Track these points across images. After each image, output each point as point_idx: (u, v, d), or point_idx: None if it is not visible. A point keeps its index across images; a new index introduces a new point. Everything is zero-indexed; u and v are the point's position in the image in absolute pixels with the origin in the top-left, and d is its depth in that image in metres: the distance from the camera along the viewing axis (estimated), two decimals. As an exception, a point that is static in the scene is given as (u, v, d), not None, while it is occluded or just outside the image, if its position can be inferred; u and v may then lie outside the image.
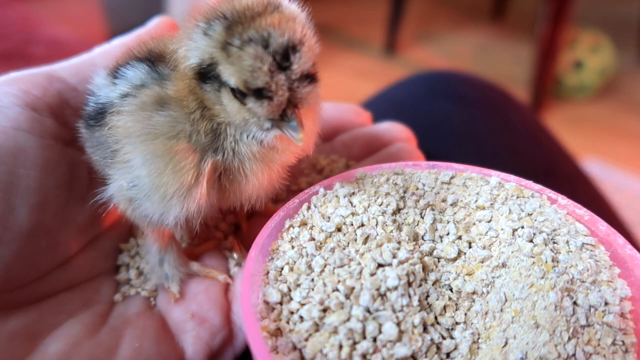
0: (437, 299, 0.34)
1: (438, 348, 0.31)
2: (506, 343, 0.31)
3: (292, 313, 0.32)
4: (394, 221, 0.37)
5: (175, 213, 0.35)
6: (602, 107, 2.32)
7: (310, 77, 0.33)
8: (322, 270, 0.34)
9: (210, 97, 0.34)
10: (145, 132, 0.34)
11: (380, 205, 0.38)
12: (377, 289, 0.31)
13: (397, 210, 0.38)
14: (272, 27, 0.31)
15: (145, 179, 0.34)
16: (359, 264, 0.33)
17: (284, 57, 0.31)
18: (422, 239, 0.37)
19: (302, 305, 0.32)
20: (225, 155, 0.35)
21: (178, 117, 0.34)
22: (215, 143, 0.35)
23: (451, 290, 0.34)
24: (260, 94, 0.31)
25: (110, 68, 0.38)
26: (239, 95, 0.32)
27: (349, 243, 0.35)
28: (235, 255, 0.44)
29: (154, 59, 0.36)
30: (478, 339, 0.32)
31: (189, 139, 0.34)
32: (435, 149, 0.62)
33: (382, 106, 0.72)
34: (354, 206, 0.38)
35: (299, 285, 0.33)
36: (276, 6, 0.33)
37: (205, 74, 0.33)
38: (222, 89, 0.33)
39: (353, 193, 0.39)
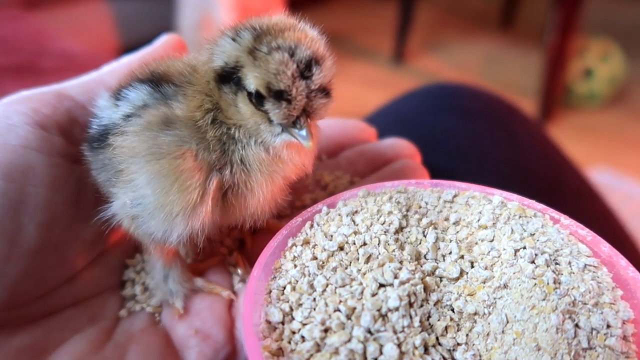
0: (439, 320, 0.34)
1: (439, 369, 0.31)
2: (507, 365, 0.31)
3: (293, 333, 0.32)
4: (397, 240, 0.37)
5: (179, 231, 0.36)
6: (612, 116, 2.31)
7: (326, 92, 0.36)
8: (324, 290, 0.34)
9: (226, 98, 0.36)
10: (151, 152, 0.34)
11: (383, 224, 0.38)
12: (379, 310, 0.32)
13: (400, 229, 0.38)
14: (298, 40, 0.34)
15: (150, 197, 0.35)
16: (361, 283, 0.34)
17: (306, 67, 0.34)
18: (425, 257, 0.37)
19: (304, 325, 0.32)
20: (233, 168, 0.36)
21: (184, 137, 0.35)
22: (223, 158, 0.36)
23: (453, 310, 0.34)
24: (280, 96, 0.34)
25: (112, 90, 0.39)
26: (256, 99, 0.35)
27: (351, 262, 0.36)
28: (239, 271, 0.45)
29: (157, 80, 0.37)
30: (479, 360, 0.32)
31: (195, 157, 0.35)
32: (440, 163, 0.62)
33: (386, 120, 0.73)
34: (357, 225, 0.38)
35: (300, 305, 0.33)
36: (302, 27, 0.36)
37: (226, 76, 0.35)
38: (239, 93, 0.35)
39: (356, 211, 0.39)
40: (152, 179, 0.34)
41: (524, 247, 0.35)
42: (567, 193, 0.66)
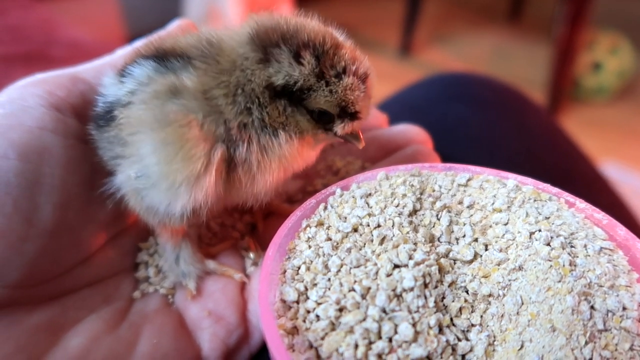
0: (453, 301, 0.34)
1: (453, 349, 0.32)
2: (522, 346, 0.31)
3: (308, 312, 0.32)
4: (410, 222, 0.37)
5: (183, 202, 0.35)
6: (621, 110, 2.29)
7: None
8: (339, 270, 0.34)
9: (277, 109, 0.37)
10: (157, 120, 0.34)
11: (397, 206, 0.38)
12: (393, 290, 0.32)
13: (414, 212, 0.38)
14: (354, 58, 0.37)
15: (154, 167, 0.34)
16: (375, 264, 0.34)
17: (364, 84, 0.37)
18: (439, 240, 0.37)
19: (319, 304, 0.32)
20: (251, 146, 0.36)
21: (191, 107, 0.35)
22: (242, 134, 0.36)
23: (467, 292, 0.34)
24: (353, 116, 0.38)
25: (118, 68, 0.39)
26: (318, 116, 0.37)
27: (365, 244, 0.36)
28: (251, 255, 0.45)
29: (162, 55, 0.37)
30: (494, 341, 0.32)
31: (201, 127, 0.35)
32: (450, 151, 0.62)
33: (397, 108, 0.72)
34: (371, 207, 0.38)
35: (315, 285, 0.33)
36: (341, 38, 0.39)
37: (280, 91, 0.36)
38: (296, 107, 0.37)
39: (370, 194, 0.39)
40: (156, 148, 0.34)
41: (539, 230, 0.35)
42: (578, 182, 0.65)
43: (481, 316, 0.33)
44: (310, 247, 0.36)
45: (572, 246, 0.34)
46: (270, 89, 0.36)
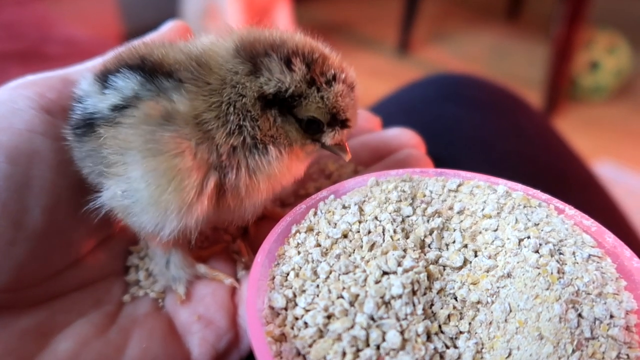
0: (442, 308, 0.34)
1: (441, 357, 0.32)
2: (510, 354, 0.31)
3: (296, 319, 0.32)
4: (402, 229, 0.37)
5: (172, 227, 0.35)
6: (618, 109, 2.29)
7: None
8: (328, 277, 0.34)
9: (268, 117, 0.37)
10: (147, 148, 0.33)
11: (387, 212, 0.38)
12: (382, 297, 0.32)
13: (404, 218, 0.38)
14: (341, 66, 0.38)
15: (143, 192, 0.34)
16: (364, 271, 0.34)
17: (352, 92, 0.38)
18: (429, 247, 0.37)
19: (307, 311, 0.32)
20: (240, 172, 0.36)
21: (184, 134, 0.34)
22: (230, 160, 0.35)
23: (456, 299, 0.34)
24: (342, 123, 0.38)
25: (97, 72, 0.38)
26: (306, 124, 0.37)
27: (354, 250, 0.36)
28: (242, 259, 0.45)
29: (150, 69, 0.36)
30: (482, 348, 0.32)
31: (194, 156, 0.34)
32: (444, 153, 0.62)
33: (391, 109, 0.72)
34: (361, 213, 0.38)
35: (304, 291, 0.33)
36: (327, 48, 0.39)
37: (272, 100, 0.36)
38: (285, 117, 0.37)
39: (360, 200, 0.39)
40: (146, 175, 0.33)
41: (528, 237, 0.35)
42: (572, 184, 0.65)
43: (469, 323, 0.33)
44: (299, 253, 0.36)
45: (560, 253, 0.35)
46: (261, 100, 0.36)
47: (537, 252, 0.34)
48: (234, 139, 0.35)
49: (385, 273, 0.33)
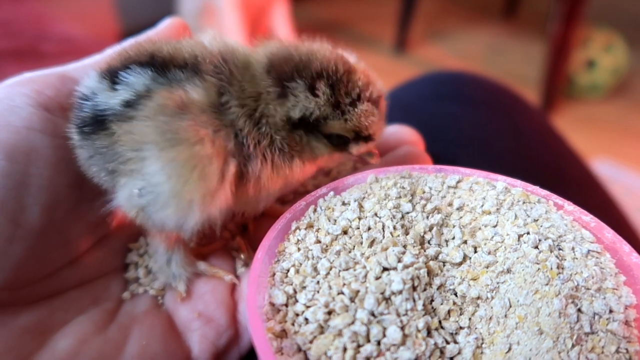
0: (442, 304, 0.34)
1: (442, 352, 0.32)
2: (510, 349, 0.31)
3: (297, 315, 0.32)
4: (402, 225, 0.37)
5: (196, 219, 0.34)
6: (614, 107, 2.30)
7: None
8: (328, 273, 0.34)
9: (294, 139, 0.39)
10: (165, 139, 0.33)
11: (387, 209, 0.38)
12: (382, 293, 0.32)
13: (404, 214, 0.38)
14: (367, 83, 0.38)
15: (164, 186, 0.33)
16: (365, 267, 0.34)
17: (377, 107, 0.39)
18: (428, 243, 0.37)
19: (308, 307, 0.32)
20: (264, 163, 0.38)
21: (201, 122, 0.34)
22: (255, 150, 0.37)
23: (456, 295, 0.34)
24: (367, 139, 0.40)
25: (102, 70, 0.37)
26: (335, 139, 0.39)
27: (354, 246, 0.36)
28: (242, 256, 0.45)
29: (162, 64, 0.36)
30: (482, 344, 0.32)
31: (213, 143, 0.34)
32: (442, 151, 0.62)
33: (389, 107, 0.72)
34: (361, 209, 0.38)
35: (304, 288, 0.33)
36: (356, 61, 0.40)
37: (298, 122, 0.38)
38: (314, 134, 0.39)
39: (360, 196, 0.39)
40: (166, 167, 0.33)
41: (528, 233, 0.35)
42: (570, 182, 0.66)
43: (469, 319, 0.33)
44: (299, 249, 0.36)
45: (560, 249, 0.35)
46: (289, 123, 0.38)
47: (536, 247, 0.34)
48: (265, 140, 0.37)
49: (385, 269, 0.33)
